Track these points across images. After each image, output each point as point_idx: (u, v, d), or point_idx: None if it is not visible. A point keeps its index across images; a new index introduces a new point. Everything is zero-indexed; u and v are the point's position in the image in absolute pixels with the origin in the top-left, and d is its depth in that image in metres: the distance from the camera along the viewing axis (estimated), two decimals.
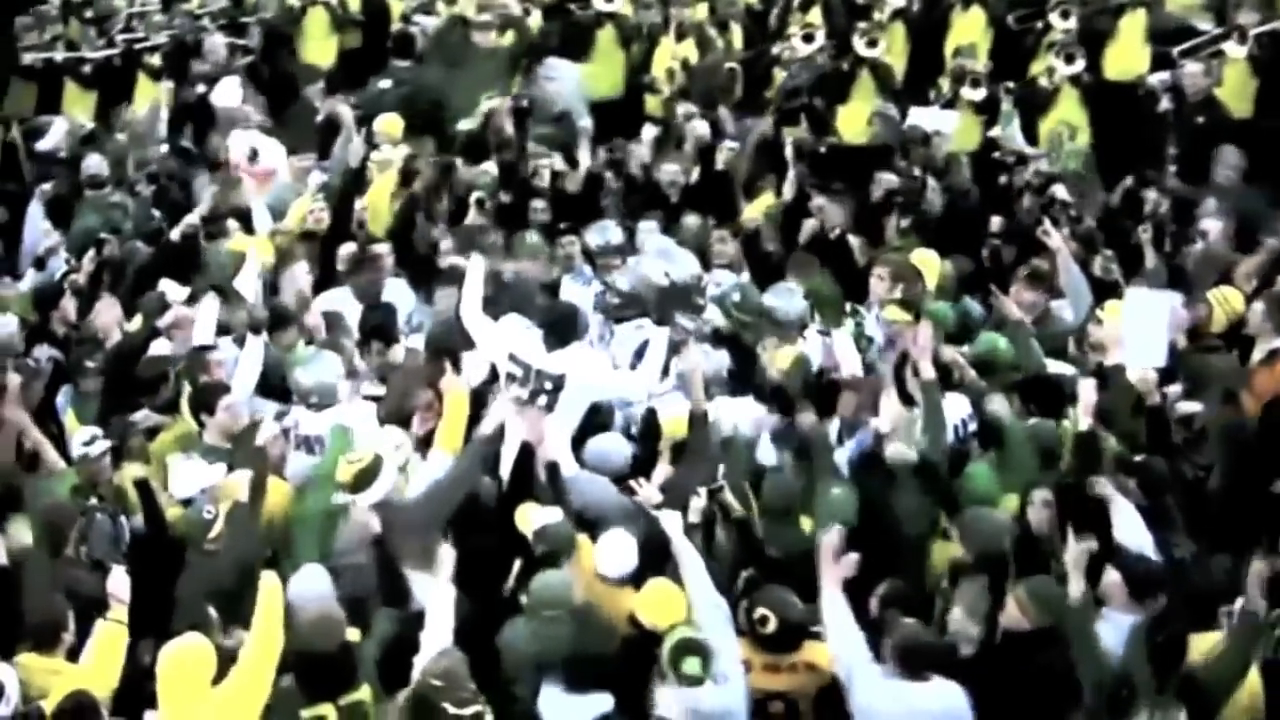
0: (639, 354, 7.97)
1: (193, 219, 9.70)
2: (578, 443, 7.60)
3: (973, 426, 7.80)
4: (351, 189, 10.23)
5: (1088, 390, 7.18)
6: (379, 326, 8.57)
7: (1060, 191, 10.04)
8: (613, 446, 7.56)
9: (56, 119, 11.98)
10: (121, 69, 12.93)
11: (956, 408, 7.82)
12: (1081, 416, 7.14)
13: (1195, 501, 7.22)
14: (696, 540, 6.71)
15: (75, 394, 8.44)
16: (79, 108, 12.59)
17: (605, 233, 9.61)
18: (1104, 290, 8.87)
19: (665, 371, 7.84)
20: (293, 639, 6.02)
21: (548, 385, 7.36)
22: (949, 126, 11.14)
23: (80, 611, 6.43)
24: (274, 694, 5.92)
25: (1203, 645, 6.08)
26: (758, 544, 7.00)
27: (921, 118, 11.25)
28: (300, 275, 9.24)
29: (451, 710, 5.40)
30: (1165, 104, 11.25)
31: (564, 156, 11.15)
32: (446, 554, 6.28)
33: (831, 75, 12.35)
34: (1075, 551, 6.35)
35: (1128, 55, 12.05)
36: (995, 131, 11.24)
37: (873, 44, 12.20)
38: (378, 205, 10.46)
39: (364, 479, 6.85)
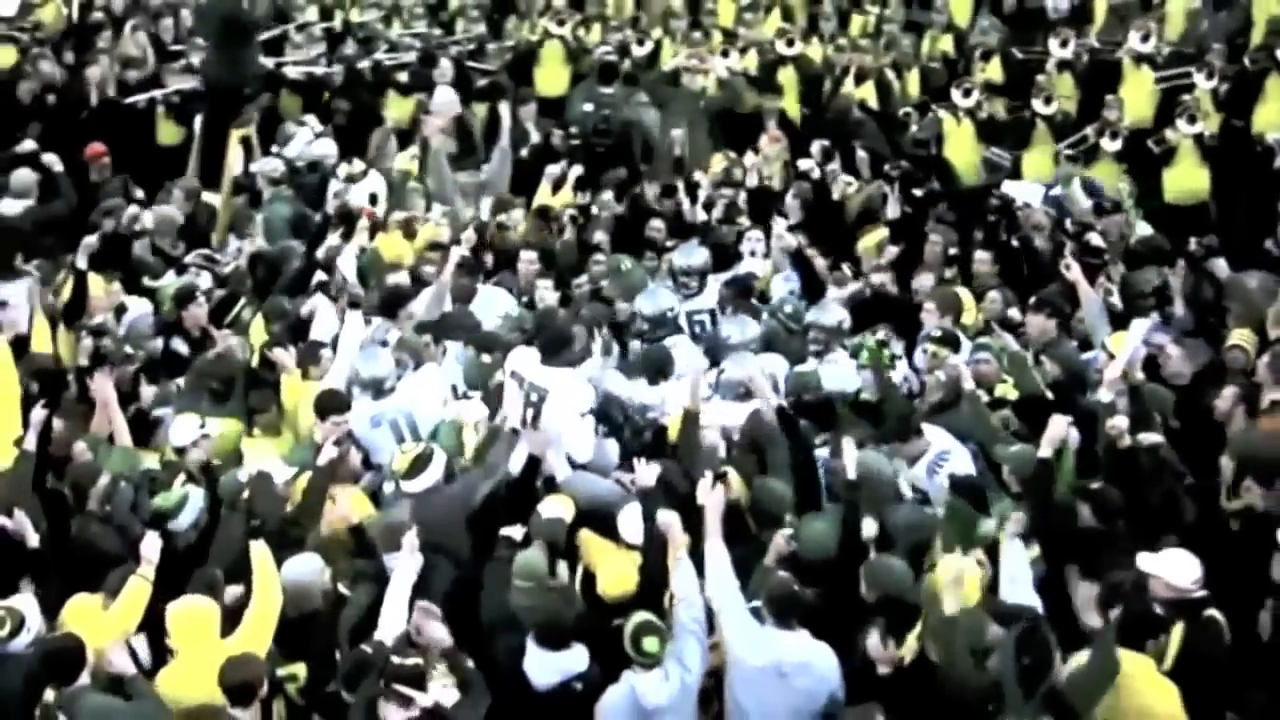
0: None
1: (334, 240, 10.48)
2: None
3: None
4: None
5: (1057, 424, 7.40)
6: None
7: (1095, 239, 10.24)
8: (606, 447, 7.96)
9: (300, 129, 12.93)
10: (374, 83, 14.40)
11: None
12: (1044, 446, 7.32)
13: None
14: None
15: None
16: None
17: (690, 255, 9.93)
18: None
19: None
20: None
21: (534, 397, 7.78)
22: (1037, 198, 11.38)
23: (95, 563, 7.04)
24: None
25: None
26: (750, 535, 7.32)
27: (1014, 189, 11.59)
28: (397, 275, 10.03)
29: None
30: None
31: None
32: (411, 542, 6.74)
33: (1011, 124, 13.15)
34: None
35: (1274, 113, 12.14)
36: (1056, 190, 11.51)
37: (1049, 101, 12.94)
38: None
39: (416, 467, 7.35)
